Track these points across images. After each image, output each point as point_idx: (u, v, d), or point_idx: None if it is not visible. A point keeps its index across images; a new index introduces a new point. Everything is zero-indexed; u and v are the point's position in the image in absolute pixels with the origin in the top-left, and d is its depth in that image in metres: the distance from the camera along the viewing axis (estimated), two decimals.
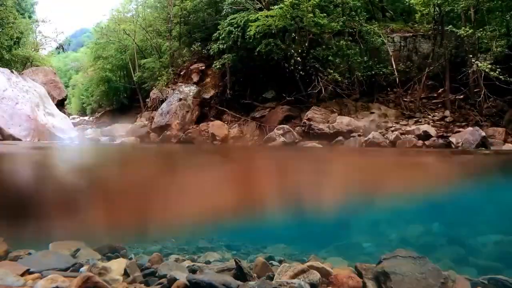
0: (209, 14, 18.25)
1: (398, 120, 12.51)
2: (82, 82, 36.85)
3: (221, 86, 16.75)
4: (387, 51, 13.63)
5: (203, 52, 17.53)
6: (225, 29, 14.44)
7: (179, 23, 19.44)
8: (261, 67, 15.01)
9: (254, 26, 12.82)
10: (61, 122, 11.81)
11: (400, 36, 14.68)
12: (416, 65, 13.92)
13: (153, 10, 23.92)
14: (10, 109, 9.71)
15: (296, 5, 12.49)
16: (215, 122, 14.89)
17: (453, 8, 12.12)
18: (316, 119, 12.36)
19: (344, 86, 13.19)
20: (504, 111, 11.34)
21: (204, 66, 17.88)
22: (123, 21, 24.18)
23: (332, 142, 11.56)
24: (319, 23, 12.75)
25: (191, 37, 19.07)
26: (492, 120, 11.38)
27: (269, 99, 15.36)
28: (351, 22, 13.67)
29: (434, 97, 13.30)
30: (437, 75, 13.46)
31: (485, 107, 11.43)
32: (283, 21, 12.82)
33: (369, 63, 13.21)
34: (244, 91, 15.85)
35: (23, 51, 21.60)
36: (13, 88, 10.55)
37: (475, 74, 11.33)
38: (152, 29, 22.81)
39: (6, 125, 9.32)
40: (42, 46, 25.94)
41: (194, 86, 17.08)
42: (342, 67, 13.26)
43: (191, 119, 16.06)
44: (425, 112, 12.57)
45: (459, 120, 11.78)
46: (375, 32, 13.55)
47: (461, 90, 12.37)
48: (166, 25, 20.50)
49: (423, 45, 14.40)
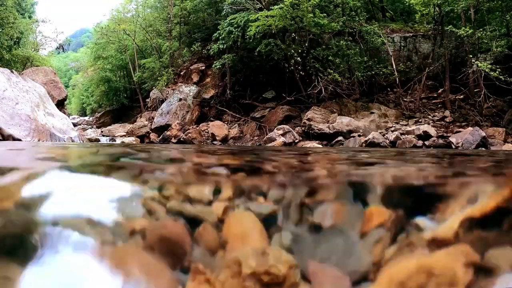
0: (209, 14, 18.26)
1: (398, 120, 12.52)
2: (82, 82, 36.86)
3: (221, 86, 16.76)
4: (387, 51, 13.63)
5: (203, 52, 17.54)
6: (225, 29, 14.45)
7: (179, 23, 19.45)
8: (261, 67, 15.02)
9: (254, 26, 12.83)
10: (61, 122, 11.81)
11: (400, 36, 14.68)
12: (416, 65, 13.93)
13: (153, 10, 23.95)
14: (10, 109, 9.71)
15: (296, 5, 12.49)
16: (215, 122, 14.89)
17: (453, 8, 12.13)
18: (316, 119, 12.37)
19: (344, 86, 13.20)
20: (504, 111, 11.34)
21: (204, 66, 17.89)
22: (123, 21, 24.18)
23: (332, 142, 11.56)
24: (319, 23, 12.75)
25: (191, 37, 19.08)
26: (492, 120, 11.38)
27: (269, 99, 15.37)
28: (351, 22, 13.68)
29: (434, 97, 13.31)
30: (437, 75, 13.47)
31: (485, 107, 11.44)
32: (283, 21, 12.82)
33: (369, 63, 13.21)
34: (244, 91, 15.85)
35: (23, 51, 21.60)
36: (13, 88, 10.55)
37: (475, 74, 11.33)
38: (152, 29, 22.83)
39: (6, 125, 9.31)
40: (42, 46, 25.93)
41: (194, 86, 17.09)
42: (342, 67, 13.26)
43: (191, 119, 16.07)
44: (425, 112, 12.58)
45: (459, 120, 11.79)
46: (375, 32, 13.55)
47: (461, 90, 12.37)
48: (166, 25, 20.52)
49: (423, 45, 14.41)
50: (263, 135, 13.17)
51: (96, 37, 27.46)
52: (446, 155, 4.61)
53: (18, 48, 21.27)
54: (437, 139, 10.48)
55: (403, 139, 10.71)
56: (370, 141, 10.69)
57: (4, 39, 19.50)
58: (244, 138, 14.04)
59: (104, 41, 25.39)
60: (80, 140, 12.10)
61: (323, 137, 11.83)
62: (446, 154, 4.93)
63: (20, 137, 9.25)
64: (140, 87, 22.25)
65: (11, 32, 19.84)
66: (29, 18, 25.14)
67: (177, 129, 14.51)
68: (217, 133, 13.94)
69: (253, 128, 14.30)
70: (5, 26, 19.49)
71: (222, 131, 14.13)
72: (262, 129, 13.78)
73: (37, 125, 10.02)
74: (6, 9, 19.55)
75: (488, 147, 9.62)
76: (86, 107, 35.85)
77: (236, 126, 14.89)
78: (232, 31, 14.20)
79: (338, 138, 11.52)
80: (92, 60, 28.29)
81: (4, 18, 19.34)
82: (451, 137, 10.32)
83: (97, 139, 14.04)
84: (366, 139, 10.90)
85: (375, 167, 2.56)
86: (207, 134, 14.35)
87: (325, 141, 11.74)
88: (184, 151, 4.68)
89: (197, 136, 13.98)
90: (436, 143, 10.32)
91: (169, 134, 14.39)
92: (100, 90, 27.88)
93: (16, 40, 21.07)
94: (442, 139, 10.49)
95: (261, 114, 14.79)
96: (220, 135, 13.92)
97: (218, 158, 3.30)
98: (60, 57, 44.37)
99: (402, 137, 10.87)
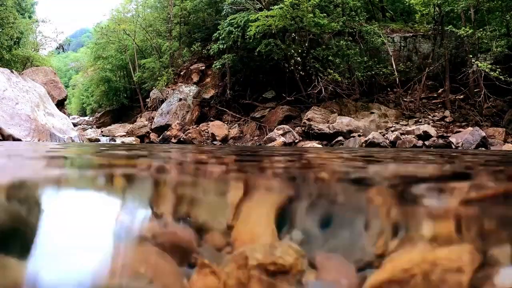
0: (209, 14, 18.26)
1: (398, 120, 12.52)
2: (82, 82, 36.88)
3: (221, 86, 16.75)
4: (387, 51, 13.63)
5: (203, 52, 17.54)
6: (225, 29, 14.45)
7: (179, 23, 19.45)
8: (261, 67, 15.02)
9: (254, 26, 12.83)
10: (61, 122, 11.81)
11: (400, 36, 14.68)
12: (416, 65, 13.93)
13: (153, 10, 23.95)
14: (10, 109, 9.71)
15: (296, 5, 12.50)
16: (215, 122, 14.89)
17: (453, 8, 12.13)
18: (316, 119, 12.37)
19: (344, 86, 13.19)
20: (504, 111, 11.34)
21: (204, 66, 17.89)
22: (123, 21, 24.18)
23: (332, 142, 11.56)
24: (319, 23, 12.75)
25: (191, 37, 19.08)
26: (492, 120, 11.38)
27: (269, 99, 15.37)
28: (351, 22, 13.68)
29: (434, 97, 13.31)
30: (437, 75, 13.47)
31: (485, 107, 11.44)
32: (283, 21, 12.82)
33: (369, 63, 13.21)
34: (244, 91, 15.86)
35: (23, 51, 21.61)
36: (13, 88, 10.55)
37: (475, 74, 11.33)
38: (152, 29, 22.83)
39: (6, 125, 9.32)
40: (42, 46, 25.94)
41: (194, 86, 17.09)
42: (342, 67, 13.26)
43: (191, 119, 16.07)
44: (425, 112, 12.58)
45: (459, 120, 11.79)
46: (375, 32, 13.55)
47: (461, 90, 12.37)
48: (166, 25, 20.51)
49: (423, 45, 14.41)
50: (263, 135, 13.17)
51: (96, 37, 27.47)
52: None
53: (18, 48, 21.28)
54: (437, 139, 10.48)
55: (403, 139, 10.71)
56: (370, 141, 10.68)
57: (4, 39, 19.51)
58: (244, 138, 14.04)
59: (104, 41, 25.40)
60: (80, 140, 12.10)
61: (323, 137, 11.83)
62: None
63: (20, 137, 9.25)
64: (140, 87, 22.25)
65: (11, 32, 19.85)
66: (29, 18, 25.14)
67: (177, 129, 14.51)
68: (217, 133, 13.94)
69: (253, 128, 14.30)
70: (5, 26, 19.49)
71: (222, 131, 14.13)
72: (262, 129, 13.78)
73: (37, 125, 10.02)
74: (6, 9, 19.55)
75: (488, 147, 9.62)
76: (86, 107, 35.86)
77: (236, 126, 14.89)
78: (232, 31, 14.20)
79: (338, 138, 11.52)
80: (92, 60, 28.29)
81: (4, 18, 19.35)
82: (451, 137, 10.32)
83: (97, 139, 14.03)
84: (366, 139, 10.90)
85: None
86: (207, 134, 14.35)
87: (325, 141, 11.74)
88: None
89: (197, 136, 13.98)
90: (436, 143, 10.32)
91: (169, 134, 14.38)
92: (100, 90, 27.88)
93: (16, 40, 21.08)
94: (442, 139, 10.49)
95: (261, 114, 14.79)
96: (220, 135, 13.92)
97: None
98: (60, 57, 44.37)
99: (402, 137, 10.87)
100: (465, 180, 1.95)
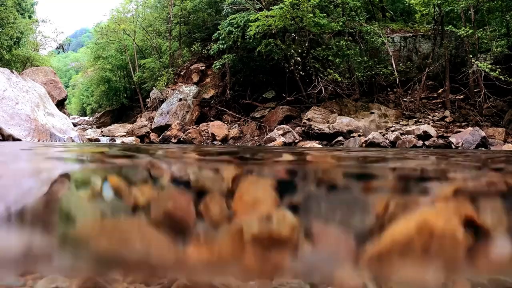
0: (209, 14, 18.26)
1: (398, 120, 12.51)
2: (82, 82, 36.88)
3: (221, 86, 16.75)
4: (387, 51, 13.63)
5: (203, 52, 17.53)
6: (225, 29, 14.44)
7: (179, 23, 19.45)
8: (261, 67, 15.02)
9: (254, 26, 12.82)
10: (61, 122, 11.81)
11: (400, 36, 14.68)
12: (416, 65, 13.93)
13: (153, 10, 23.93)
14: (10, 109, 9.71)
15: (296, 5, 12.49)
16: (215, 122, 14.89)
17: (453, 8, 12.13)
18: (316, 119, 12.36)
19: (344, 86, 13.19)
20: (504, 111, 11.34)
21: (204, 66, 17.89)
22: (123, 21, 24.17)
23: (332, 142, 11.56)
24: (319, 23, 12.74)
25: (191, 37, 19.07)
26: (492, 120, 11.38)
27: (269, 99, 15.37)
28: (351, 22, 13.67)
29: (434, 97, 13.31)
30: (437, 75, 13.47)
31: (485, 107, 11.44)
32: (283, 21, 12.82)
33: (369, 63, 13.21)
34: (244, 91, 15.85)
35: (23, 51, 21.60)
36: (13, 88, 10.55)
37: (475, 74, 11.33)
38: (152, 29, 22.82)
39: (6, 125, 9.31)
40: (42, 46, 25.94)
41: (194, 86, 17.08)
42: (342, 67, 13.25)
43: (191, 119, 16.07)
44: (425, 112, 12.57)
45: (459, 120, 11.79)
46: (375, 32, 13.55)
47: (461, 90, 12.37)
48: (166, 25, 20.50)
49: (423, 45, 14.41)
50: (263, 135, 13.17)
51: (96, 37, 27.45)
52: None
53: (18, 48, 21.27)
54: (437, 139, 10.48)
55: (403, 139, 10.71)
56: (370, 141, 10.69)
57: (4, 39, 19.50)
58: (244, 138, 14.04)
59: (104, 41, 25.38)
60: (80, 140, 12.09)
61: (323, 137, 11.83)
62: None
63: (20, 137, 9.25)
64: (140, 87, 22.24)
65: (11, 32, 19.84)
66: (29, 18, 25.12)
67: (177, 129, 14.50)
68: (217, 133, 13.93)
69: (253, 128, 14.30)
70: (5, 26, 19.48)
71: (222, 131, 14.12)
72: (262, 129, 13.78)
73: (37, 125, 10.02)
74: (6, 9, 19.54)
75: (488, 147, 9.62)
76: (86, 107, 35.86)
77: (236, 126, 14.88)
78: (232, 31, 14.20)
79: (338, 138, 11.52)
80: (92, 60, 28.29)
81: (4, 18, 19.34)
82: (451, 137, 10.32)
83: (97, 139, 14.03)
84: (366, 139, 10.90)
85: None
86: (207, 134, 14.34)
87: (325, 141, 11.74)
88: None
89: (197, 136, 13.98)
90: (436, 143, 10.32)
91: (169, 134, 14.38)
92: (100, 90, 27.89)
93: (16, 40, 21.07)
94: (442, 139, 10.49)
95: (261, 114, 14.79)
96: (220, 135, 13.91)
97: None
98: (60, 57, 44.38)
99: (402, 137, 10.87)
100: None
